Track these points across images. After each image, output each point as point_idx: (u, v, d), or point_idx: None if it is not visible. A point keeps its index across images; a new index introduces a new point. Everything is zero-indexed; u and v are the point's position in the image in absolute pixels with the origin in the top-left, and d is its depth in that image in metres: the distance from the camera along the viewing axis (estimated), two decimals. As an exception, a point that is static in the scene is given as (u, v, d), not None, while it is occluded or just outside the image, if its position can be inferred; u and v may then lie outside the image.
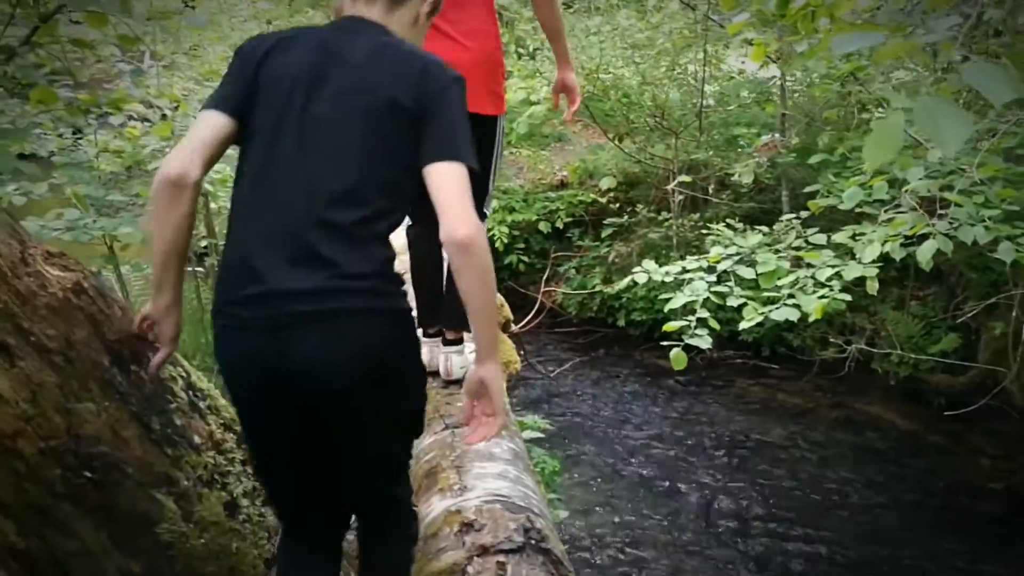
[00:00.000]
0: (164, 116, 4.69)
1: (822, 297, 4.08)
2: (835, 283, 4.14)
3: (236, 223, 1.76)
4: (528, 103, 7.78)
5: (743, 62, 8.59)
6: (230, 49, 5.23)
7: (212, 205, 5.63)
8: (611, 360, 7.37)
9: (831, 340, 6.52)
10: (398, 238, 2.03)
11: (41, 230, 4.53)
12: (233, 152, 1.85)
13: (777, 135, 7.39)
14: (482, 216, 2.88)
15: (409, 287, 1.96)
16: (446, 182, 1.69)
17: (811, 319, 4.07)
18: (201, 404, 2.14)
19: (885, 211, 4.49)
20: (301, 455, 1.80)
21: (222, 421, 2.20)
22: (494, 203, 8.18)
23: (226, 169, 4.79)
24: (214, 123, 1.76)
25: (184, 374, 2.12)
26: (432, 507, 2.40)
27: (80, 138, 5.06)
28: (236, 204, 1.78)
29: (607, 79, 7.44)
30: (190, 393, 2.11)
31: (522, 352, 6.42)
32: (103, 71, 6.44)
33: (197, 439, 2.06)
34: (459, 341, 3.16)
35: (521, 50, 7.96)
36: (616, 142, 8.04)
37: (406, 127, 1.74)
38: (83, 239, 4.66)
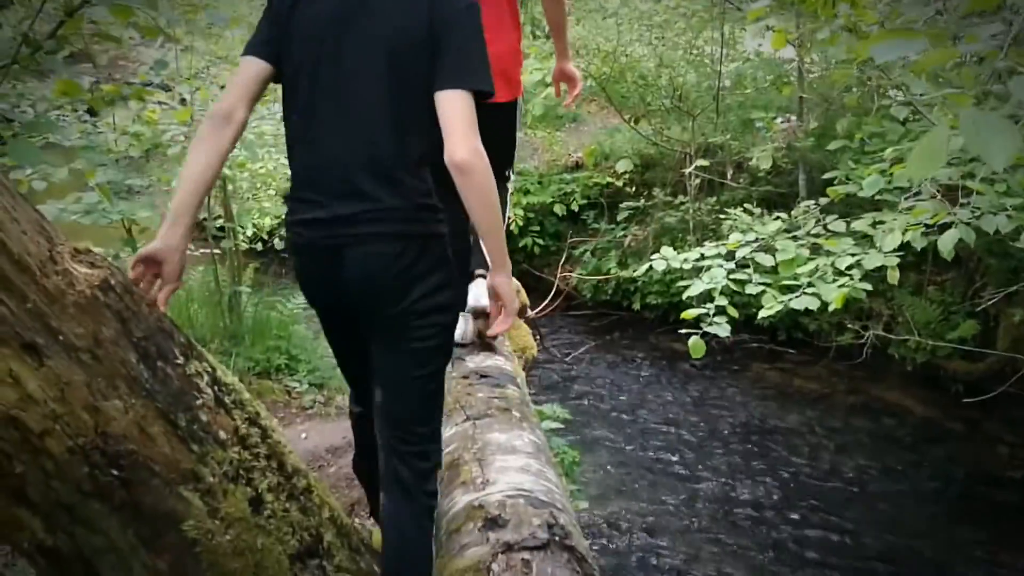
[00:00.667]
0: (183, 100, 4.69)
1: (842, 286, 4.06)
2: (855, 272, 4.12)
3: (294, 157, 2.04)
4: (544, 84, 7.76)
5: (760, 45, 8.53)
6: (248, 30, 5.21)
7: (229, 187, 5.64)
8: (626, 344, 7.36)
9: (848, 325, 6.49)
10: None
11: (60, 213, 4.56)
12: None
13: (794, 118, 7.34)
14: (506, 178, 3.20)
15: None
16: (450, 108, 1.88)
17: (831, 308, 4.05)
18: (226, 399, 2.14)
19: (905, 199, 4.45)
20: (357, 338, 2.12)
21: (247, 416, 2.20)
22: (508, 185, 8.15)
23: (243, 153, 4.79)
24: (254, 68, 1.98)
25: (210, 369, 2.12)
26: (455, 501, 2.40)
27: (98, 121, 5.06)
28: (290, 139, 2.03)
29: (624, 61, 7.38)
30: (215, 388, 2.10)
31: (538, 336, 6.42)
32: (120, 51, 6.44)
33: (223, 435, 2.06)
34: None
35: (537, 31, 7.91)
36: (632, 124, 8.00)
37: (425, 58, 1.91)
38: (102, 222, 4.68)
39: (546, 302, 6.49)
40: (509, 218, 7.88)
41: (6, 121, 4.01)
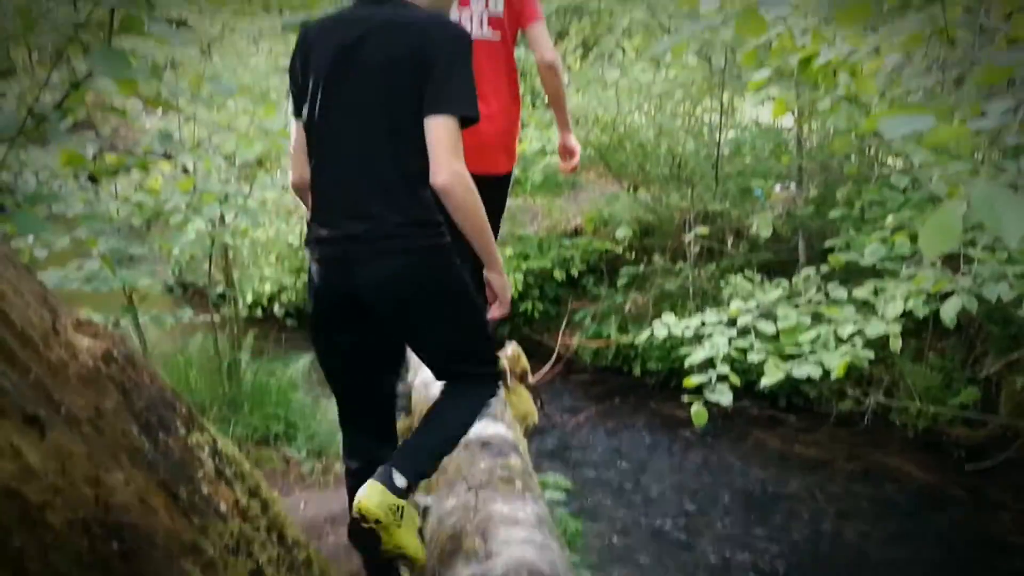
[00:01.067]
0: (186, 170, 4.72)
1: (844, 354, 4.05)
2: (857, 339, 4.11)
3: (313, 183, 2.28)
4: (544, 153, 7.82)
5: (759, 114, 8.64)
6: (249, 100, 5.28)
7: (230, 254, 5.67)
8: (627, 410, 7.31)
9: (849, 392, 6.46)
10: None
11: (62, 281, 4.56)
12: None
13: (793, 185, 7.40)
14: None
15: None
16: (435, 133, 2.08)
17: (833, 376, 4.04)
18: (227, 471, 2.12)
19: (906, 266, 4.47)
20: (356, 354, 2.35)
21: (248, 488, 2.17)
22: (508, 250, 8.22)
23: (245, 221, 4.81)
24: (298, 130, 2.34)
25: (211, 440, 2.10)
26: (457, 573, 2.36)
27: (100, 189, 5.09)
28: (311, 168, 2.29)
29: (623, 130, 7.47)
30: (216, 460, 2.08)
31: (539, 402, 6.38)
32: (123, 120, 6.51)
33: (223, 507, 2.04)
34: None
35: (537, 101, 8.01)
36: (631, 191, 8.07)
37: (418, 85, 2.10)
38: (103, 290, 4.68)
39: (546, 368, 6.46)
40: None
41: (9, 191, 4.04)
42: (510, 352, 5.59)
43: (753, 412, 7.02)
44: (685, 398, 4.41)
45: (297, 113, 2.33)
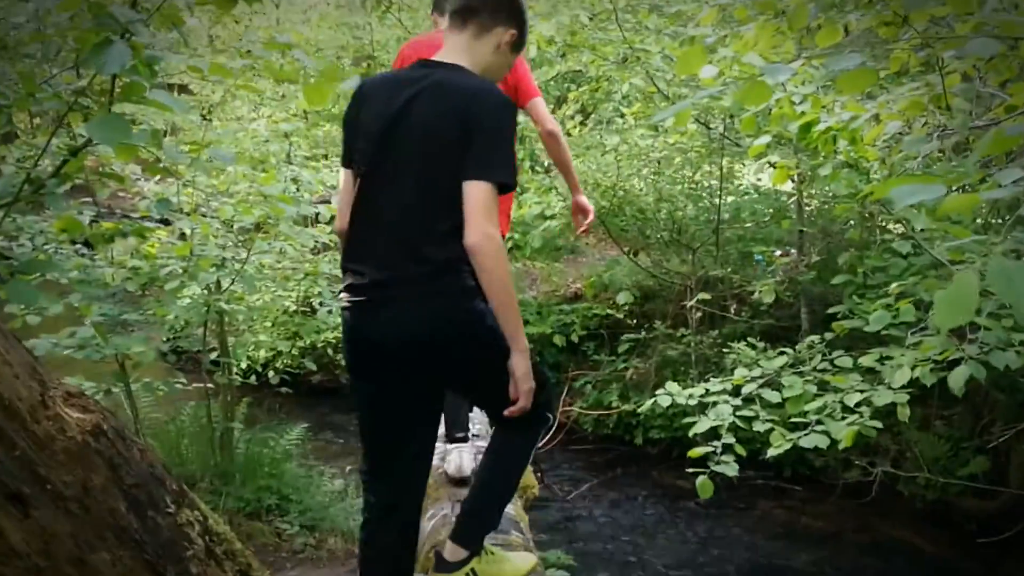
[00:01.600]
0: (183, 235, 4.68)
1: (851, 424, 3.96)
2: (864, 409, 4.03)
3: (349, 228, 2.40)
4: (543, 217, 7.81)
5: (759, 179, 8.68)
6: (249, 166, 5.27)
7: (225, 320, 5.61)
8: (629, 480, 7.18)
9: (855, 462, 6.34)
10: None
11: (54, 348, 4.50)
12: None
13: (794, 251, 7.38)
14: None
15: None
16: (470, 197, 2.16)
17: (841, 446, 3.95)
18: (217, 550, 2.03)
19: (912, 333, 4.41)
20: (389, 398, 2.36)
21: (238, 567, 2.09)
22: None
23: (240, 287, 4.76)
24: (346, 178, 2.45)
25: (201, 518, 2.02)
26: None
27: (96, 255, 5.05)
28: (351, 215, 2.40)
29: (622, 195, 7.46)
30: (206, 539, 2.00)
31: (539, 473, 6.26)
32: (121, 185, 6.49)
33: (213, 589, 1.95)
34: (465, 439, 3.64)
35: (537, 167, 8.03)
36: (631, 256, 8.04)
37: (458, 152, 2.19)
38: (95, 357, 4.61)
39: (546, 438, 6.35)
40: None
41: (3, 257, 3.99)
42: (510, 421, 5.50)
43: (758, 483, 6.88)
44: (689, 469, 4.32)
45: (346, 163, 2.47)
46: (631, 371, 7.69)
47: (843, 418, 4.06)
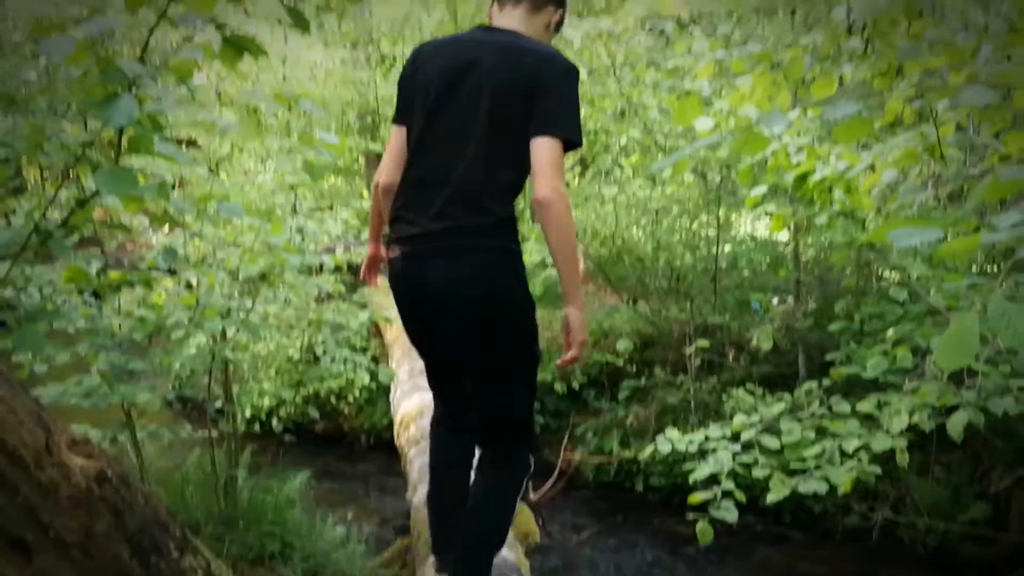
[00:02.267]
0: (189, 285, 4.74)
1: (851, 469, 3.99)
2: (863, 454, 4.06)
3: (403, 182, 2.51)
4: (543, 265, 7.87)
5: (755, 228, 8.74)
6: (255, 217, 5.35)
7: (230, 368, 5.65)
8: (630, 527, 7.15)
9: (855, 508, 6.33)
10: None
11: (60, 396, 4.54)
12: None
13: (790, 299, 7.44)
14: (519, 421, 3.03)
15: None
16: (539, 152, 2.29)
17: (840, 492, 3.97)
18: (220, 595, 2.06)
19: (909, 379, 4.45)
20: (438, 342, 2.61)
21: (240, 612, 2.11)
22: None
23: (245, 336, 4.81)
24: (396, 134, 2.57)
25: (204, 564, 2.05)
26: None
27: (103, 304, 5.11)
28: (405, 170, 2.52)
29: (621, 243, 7.54)
30: (209, 584, 2.03)
31: (540, 520, 6.25)
32: (128, 235, 6.58)
33: (214, 634, 1.98)
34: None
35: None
36: (630, 304, 8.09)
37: (525, 108, 2.31)
38: (101, 405, 4.65)
39: (548, 485, 6.35)
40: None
41: (10, 307, 4.06)
42: (511, 468, 5.51)
43: (758, 528, 6.86)
44: (690, 515, 4.33)
45: (398, 119, 2.60)
46: (631, 418, 7.70)
47: (842, 463, 4.09)
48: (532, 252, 7.88)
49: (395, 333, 8.08)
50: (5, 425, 1.66)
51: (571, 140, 2.34)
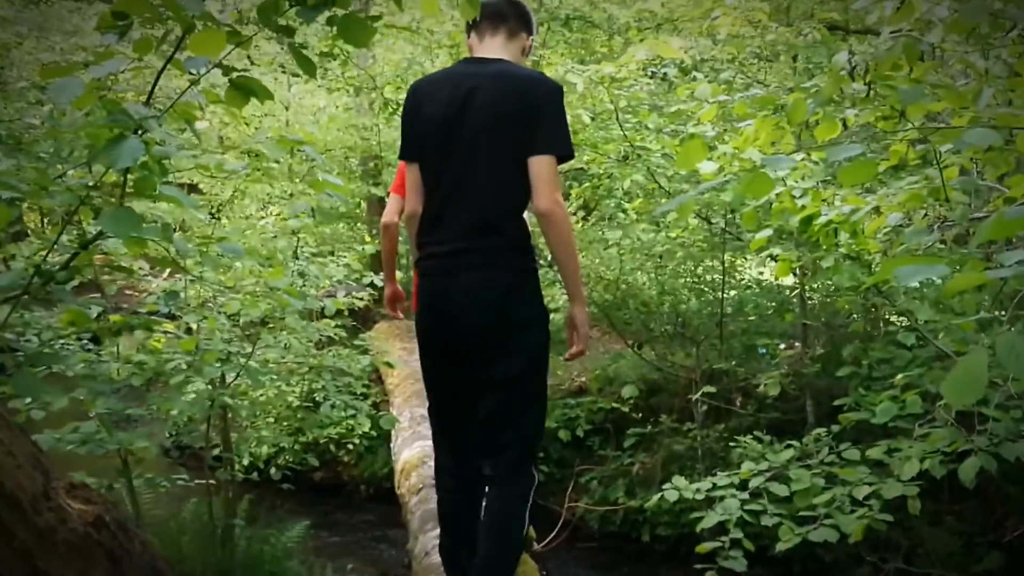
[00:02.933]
0: (189, 330, 4.71)
1: (861, 517, 3.91)
2: (873, 502, 3.98)
3: (426, 208, 2.75)
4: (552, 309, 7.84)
5: (761, 272, 8.72)
6: (256, 261, 5.32)
7: (229, 415, 5.59)
8: (635, 577, 7.04)
9: (866, 558, 6.21)
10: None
11: (57, 443, 4.47)
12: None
13: (798, 344, 7.39)
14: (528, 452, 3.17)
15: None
16: (538, 170, 2.57)
17: (851, 540, 3.89)
18: (218, 647, 1.99)
19: (920, 425, 4.38)
20: (454, 371, 2.79)
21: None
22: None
23: (245, 382, 4.76)
24: (411, 171, 2.81)
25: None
26: None
27: (102, 350, 5.06)
28: (426, 197, 2.76)
29: (625, 287, 7.50)
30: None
31: (544, 573, 6.14)
32: (129, 280, 6.55)
33: None
34: None
35: (542, 260, 8.08)
36: (635, 349, 8.03)
37: (521, 132, 2.59)
38: (98, 452, 4.59)
39: (552, 535, 6.25)
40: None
41: (11, 351, 4.02)
42: (515, 517, 5.42)
43: (767, 585, 6.73)
44: (697, 565, 4.25)
45: (408, 157, 2.84)
46: (637, 466, 7.60)
47: (852, 511, 4.01)
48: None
49: (397, 379, 8.01)
50: (3, 468, 1.62)
51: (565, 155, 2.67)
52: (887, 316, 5.54)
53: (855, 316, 6.35)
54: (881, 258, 4.82)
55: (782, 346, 7.41)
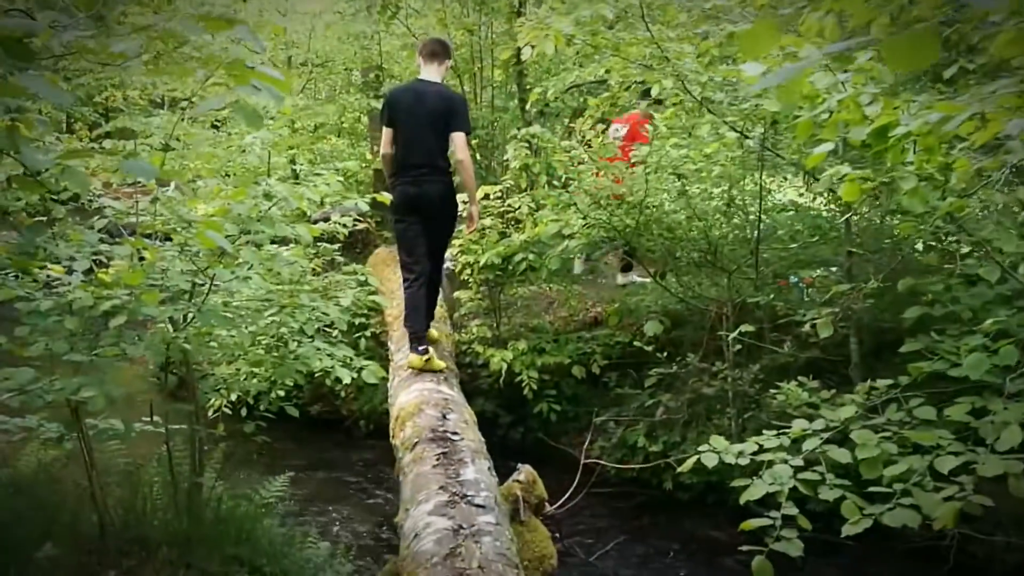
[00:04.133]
0: (142, 259, 3.94)
1: (950, 498, 3.17)
2: (964, 478, 3.24)
3: (398, 159, 5.62)
4: (560, 236, 7.06)
5: (800, 194, 7.91)
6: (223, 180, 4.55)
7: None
8: (658, 531, 6.38)
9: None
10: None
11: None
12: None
13: (834, 269, 6.61)
14: (443, 260, 6.33)
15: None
16: (457, 139, 5.51)
17: (937, 526, 3.17)
18: None
19: (1011, 380, 3.64)
20: (418, 227, 5.67)
21: None
22: (521, 344, 7.47)
23: (212, 321, 4.02)
24: (387, 131, 5.66)
25: None
26: None
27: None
28: (398, 148, 5.60)
29: (650, 212, 6.67)
30: None
31: (557, 534, 5.49)
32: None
33: None
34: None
35: (555, 181, 7.28)
36: (657, 279, 7.25)
37: (446, 120, 5.48)
38: (36, 404, 3.90)
39: (568, 494, 5.57)
40: (522, 382, 7.06)
41: None
42: (523, 478, 4.74)
43: (806, 536, 6.05)
44: (743, 548, 3.59)
45: (389, 125, 5.64)
46: (661, 410, 6.90)
47: (936, 488, 3.29)
48: (547, 222, 7.08)
49: (396, 311, 7.30)
50: None
51: (468, 132, 5.65)
52: (958, 246, 4.72)
53: (916, 246, 5.54)
54: (966, 179, 4.01)
55: (813, 275, 6.55)
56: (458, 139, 5.44)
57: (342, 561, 4.75)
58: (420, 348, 5.59)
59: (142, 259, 4.13)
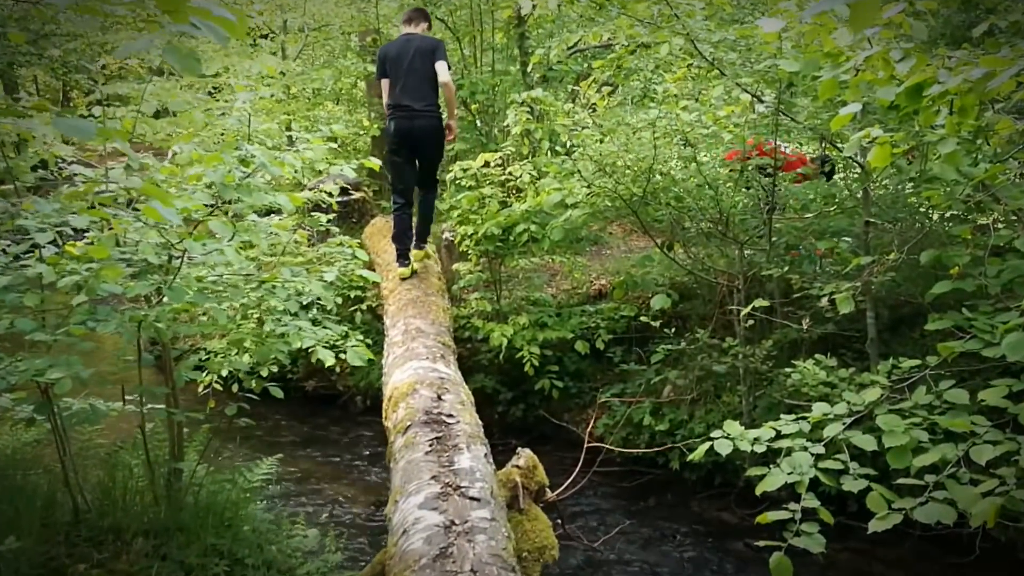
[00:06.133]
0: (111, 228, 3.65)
1: (988, 493, 2.90)
2: (1004, 470, 2.96)
3: (392, 99, 6.88)
4: (563, 205, 6.76)
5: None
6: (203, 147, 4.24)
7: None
8: (664, 513, 6.12)
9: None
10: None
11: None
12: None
13: (847, 239, 6.30)
14: (437, 180, 7.48)
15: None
16: (440, 69, 6.72)
17: (975, 524, 2.89)
18: None
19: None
20: (409, 156, 6.99)
21: None
22: (523, 319, 7.20)
23: (189, 294, 3.74)
24: (385, 82, 6.94)
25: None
26: None
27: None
28: (391, 96, 6.90)
29: (658, 180, 6.34)
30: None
31: (559, 519, 5.23)
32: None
33: None
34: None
35: (558, 147, 6.98)
36: (664, 250, 6.95)
37: (432, 57, 6.75)
38: (0, 386, 3.64)
39: (569, 481, 5.30)
40: (523, 359, 6.77)
41: None
42: (522, 463, 4.47)
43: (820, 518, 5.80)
44: (760, 543, 3.33)
45: (384, 76, 6.88)
46: (668, 388, 6.62)
47: (973, 482, 3.01)
48: (549, 191, 6.78)
49: (392, 284, 7.03)
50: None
51: (448, 63, 6.76)
52: (990, 216, 4.41)
53: (940, 216, 5.24)
54: (1001, 142, 3.70)
55: (828, 246, 6.23)
56: (441, 67, 6.61)
57: (332, 548, 4.49)
58: (404, 262, 7.02)
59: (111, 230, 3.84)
